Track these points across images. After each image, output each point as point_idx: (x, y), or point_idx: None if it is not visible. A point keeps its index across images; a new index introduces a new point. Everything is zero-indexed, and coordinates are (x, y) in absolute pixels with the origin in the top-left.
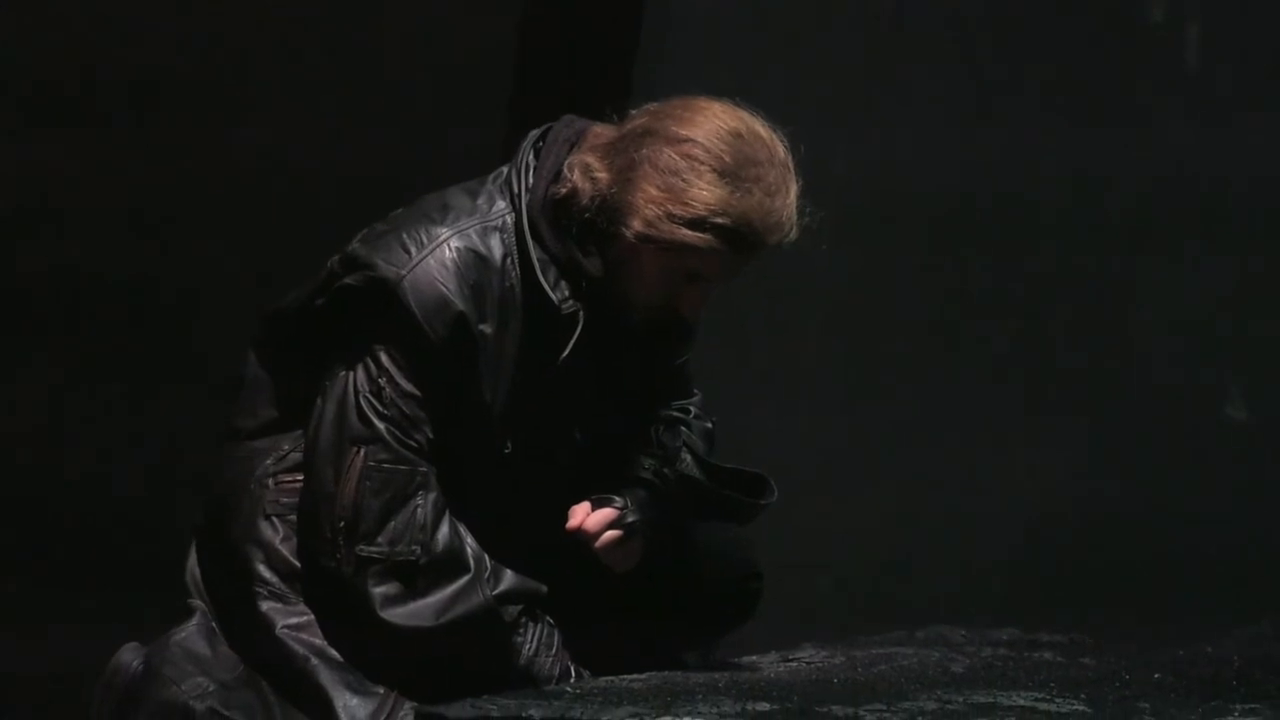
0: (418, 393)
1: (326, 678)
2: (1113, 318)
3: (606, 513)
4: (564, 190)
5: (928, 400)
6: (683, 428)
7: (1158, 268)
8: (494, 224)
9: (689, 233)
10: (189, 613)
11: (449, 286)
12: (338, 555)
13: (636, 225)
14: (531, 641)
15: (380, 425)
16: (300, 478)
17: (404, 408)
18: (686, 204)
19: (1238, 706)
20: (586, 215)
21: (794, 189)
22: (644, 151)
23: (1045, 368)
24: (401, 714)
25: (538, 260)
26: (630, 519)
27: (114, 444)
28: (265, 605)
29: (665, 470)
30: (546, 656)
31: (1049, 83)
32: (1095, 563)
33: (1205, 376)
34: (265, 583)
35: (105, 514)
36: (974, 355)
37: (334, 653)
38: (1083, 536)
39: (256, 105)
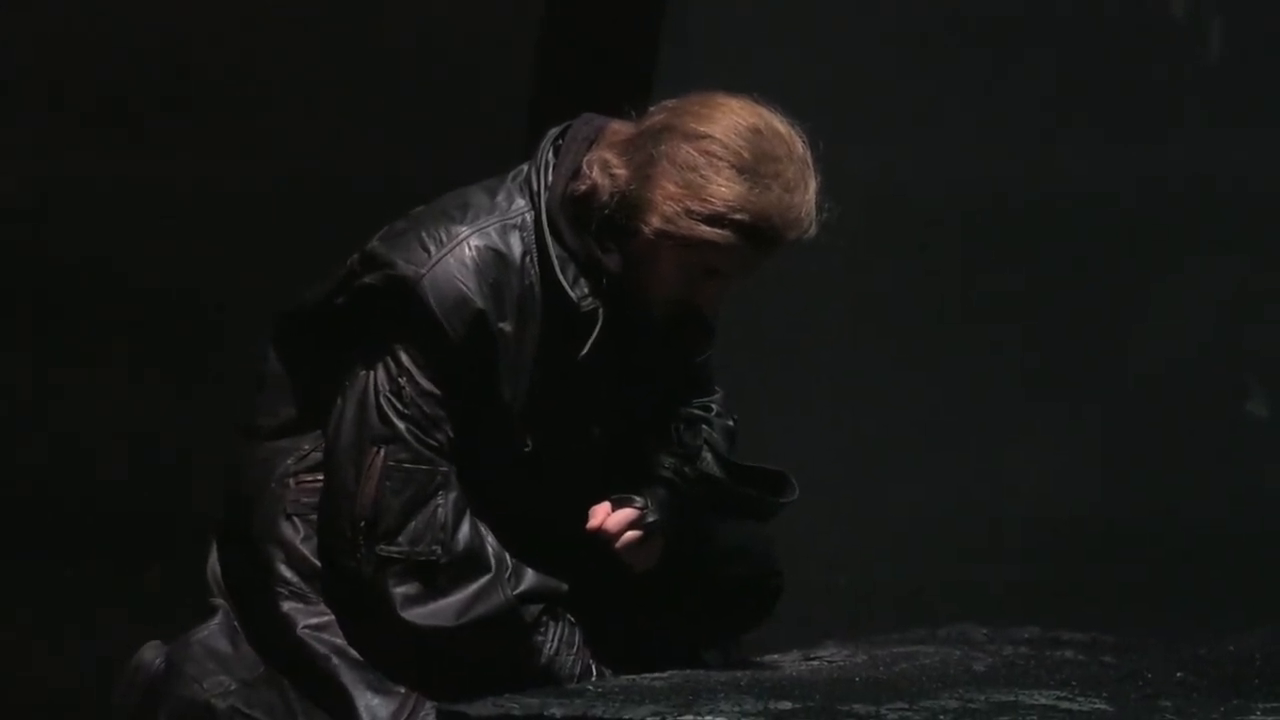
0: (438, 392)
1: (348, 677)
2: (1132, 320)
3: (627, 513)
4: (583, 187)
5: (950, 399)
6: (704, 425)
7: (1170, 269)
8: (513, 222)
9: (707, 229)
10: (211, 611)
11: (469, 285)
12: (358, 555)
13: (655, 222)
14: (553, 640)
15: (400, 425)
16: (321, 477)
17: (424, 407)
18: (705, 200)
19: (1260, 705)
20: (605, 212)
21: (813, 185)
22: (662, 148)
23: (1068, 367)
24: (423, 713)
25: (557, 258)
26: (650, 519)
27: (134, 441)
28: (286, 605)
29: (686, 469)
30: (568, 655)
31: (1063, 84)
32: (1116, 564)
33: (1223, 377)
34: (286, 582)
35: (127, 511)
36: (995, 355)
37: (355, 652)
38: (1104, 538)
39: (263, 103)
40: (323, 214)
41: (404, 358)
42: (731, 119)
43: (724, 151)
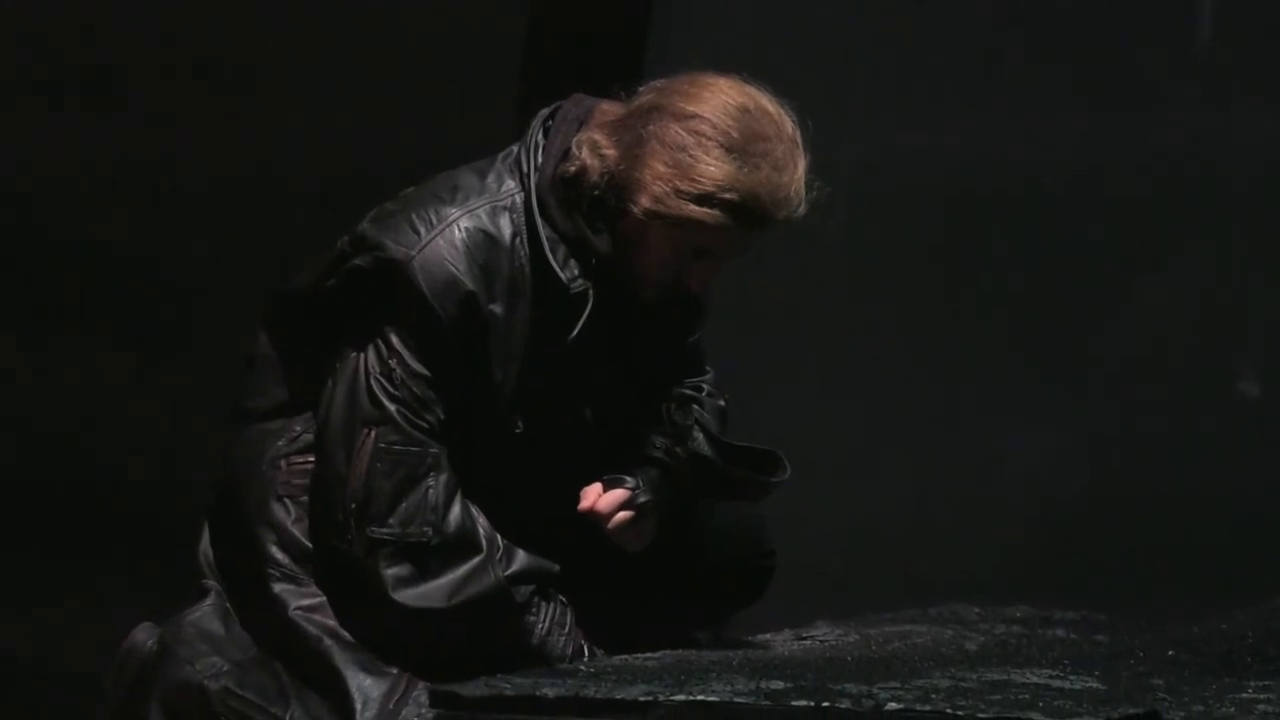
0: (428, 373)
1: (339, 658)
2: (1122, 300)
3: (618, 493)
4: (572, 168)
5: (941, 380)
6: (695, 406)
7: (1165, 250)
8: (503, 203)
9: (697, 209)
10: (203, 593)
11: (459, 266)
12: (349, 537)
13: (644, 202)
14: (544, 621)
15: (391, 407)
16: (312, 459)
17: (415, 389)
18: (694, 180)
19: (1252, 683)
20: (595, 193)
21: (802, 164)
22: (651, 128)
23: (1059, 349)
24: (415, 694)
25: (547, 239)
26: (642, 499)
27: (126, 423)
28: (278, 587)
29: (677, 449)
30: (559, 636)
31: (1059, 66)
32: (1107, 542)
33: (1214, 357)
34: (277, 564)
35: (119, 493)
36: (987, 336)
37: (346, 634)
38: (1095, 517)
39: (263, 88)
40: (332, 197)
41: (394, 339)
42: (720, 99)
43: (713, 131)
